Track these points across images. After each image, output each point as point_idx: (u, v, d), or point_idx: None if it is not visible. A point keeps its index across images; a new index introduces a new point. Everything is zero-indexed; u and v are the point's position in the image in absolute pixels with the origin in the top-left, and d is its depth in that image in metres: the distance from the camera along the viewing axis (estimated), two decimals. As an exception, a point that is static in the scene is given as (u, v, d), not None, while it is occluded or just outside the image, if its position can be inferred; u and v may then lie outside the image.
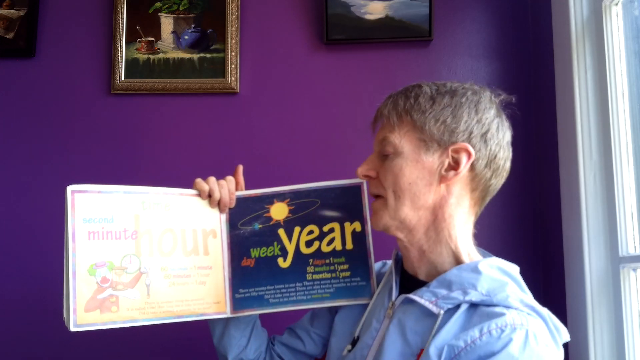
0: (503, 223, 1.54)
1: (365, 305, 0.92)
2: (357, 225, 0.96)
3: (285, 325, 1.08)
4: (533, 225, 1.53)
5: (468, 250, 0.85)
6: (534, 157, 1.55)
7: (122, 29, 1.63)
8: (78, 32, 1.67)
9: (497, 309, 0.74)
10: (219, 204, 0.95)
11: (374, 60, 1.61)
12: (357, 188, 0.97)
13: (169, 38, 1.64)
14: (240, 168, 1.02)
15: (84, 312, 0.81)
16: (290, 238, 0.95)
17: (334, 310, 1.00)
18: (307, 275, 0.94)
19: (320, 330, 1.02)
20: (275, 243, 0.95)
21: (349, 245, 0.95)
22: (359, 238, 0.95)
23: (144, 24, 1.64)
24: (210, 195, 0.94)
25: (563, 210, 1.32)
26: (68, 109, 1.64)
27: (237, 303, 0.93)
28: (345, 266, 0.94)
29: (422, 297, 0.79)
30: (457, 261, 0.83)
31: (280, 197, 0.97)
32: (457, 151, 0.82)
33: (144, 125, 1.63)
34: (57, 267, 0.86)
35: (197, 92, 1.62)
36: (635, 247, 1.16)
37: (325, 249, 0.95)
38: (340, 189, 0.97)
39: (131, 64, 1.63)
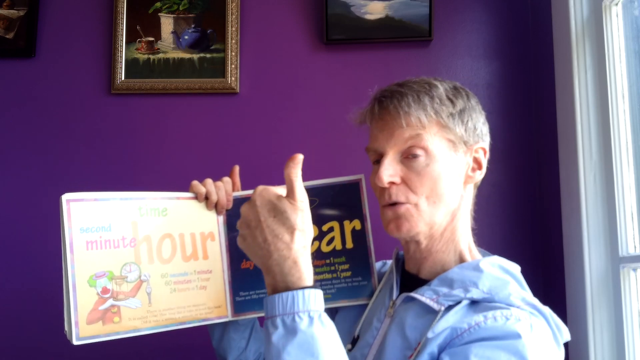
0: (503, 223, 1.54)
1: (365, 304, 0.92)
2: (356, 223, 0.94)
3: None
4: (533, 225, 1.53)
5: (469, 244, 0.86)
6: (534, 157, 1.55)
7: (122, 29, 1.63)
8: (78, 32, 1.67)
9: (499, 305, 0.75)
10: (216, 206, 0.94)
11: (374, 60, 1.61)
12: (355, 185, 0.94)
13: (169, 38, 1.64)
14: (237, 169, 1.00)
15: (86, 325, 0.80)
16: None
17: (334, 310, 0.99)
18: None
19: None
20: None
21: (349, 244, 0.93)
22: (359, 236, 0.93)
23: (144, 24, 1.64)
24: (207, 198, 0.93)
25: (563, 210, 1.32)
26: (68, 109, 1.64)
27: (238, 306, 0.92)
28: (346, 266, 0.93)
29: (423, 295, 0.79)
30: (461, 259, 0.84)
31: None
32: (477, 151, 0.85)
33: (144, 125, 1.63)
34: (56, 274, 0.85)
35: (197, 92, 1.62)
36: (635, 247, 1.16)
37: (325, 248, 0.94)
38: (339, 186, 0.94)
39: (131, 64, 1.63)
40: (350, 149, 1.58)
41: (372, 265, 0.93)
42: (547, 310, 0.77)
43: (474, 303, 0.77)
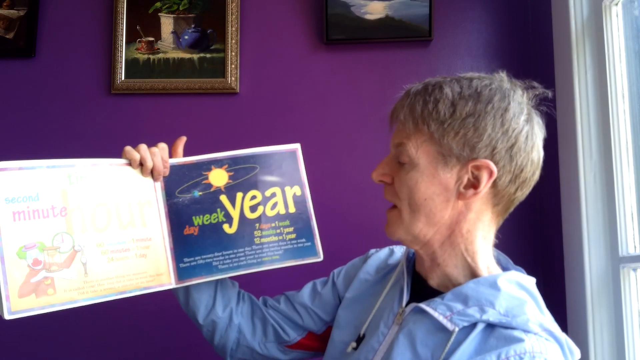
0: (503, 223, 1.53)
1: (373, 301, 0.90)
2: (297, 190, 0.99)
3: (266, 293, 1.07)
4: (533, 225, 1.53)
5: (487, 263, 0.81)
6: (534, 157, 1.55)
7: (122, 29, 1.63)
8: (78, 32, 1.67)
9: (516, 333, 0.71)
10: (152, 173, 0.91)
11: (374, 60, 1.61)
12: (293, 153, 1.01)
13: (169, 38, 1.64)
14: (184, 139, 0.99)
15: (18, 298, 0.77)
16: (233, 204, 0.96)
17: (337, 297, 0.98)
18: (256, 240, 0.95)
19: (320, 311, 1.00)
20: (218, 210, 0.95)
21: (292, 209, 0.99)
22: (300, 202, 0.99)
23: (144, 24, 1.64)
24: (142, 164, 0.90)
25: (563, 210, 1.32)
26: (68, 109, 1.64)
27: (183, 272, 0.91)
28: (291, 229, 0.98)
29: (435, 310, 0.75)
30: (473, 274, 0.80)
31: (218, 163, 0.97)
32: (477, 168, 0.75)
33: (144, 125, 1.63)
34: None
35: (197, 92, 1.62)
36: (635, 247, 1.16)
37: (270, 213, 0.97)
38: (277, 154, 1.00)
39: (131, 64, 1.63)
40: (350, 148, 1.58)
41: (314, 228, 0.99)
42: (563, 336, 0.74)
43: (489, 326, 0.73)
